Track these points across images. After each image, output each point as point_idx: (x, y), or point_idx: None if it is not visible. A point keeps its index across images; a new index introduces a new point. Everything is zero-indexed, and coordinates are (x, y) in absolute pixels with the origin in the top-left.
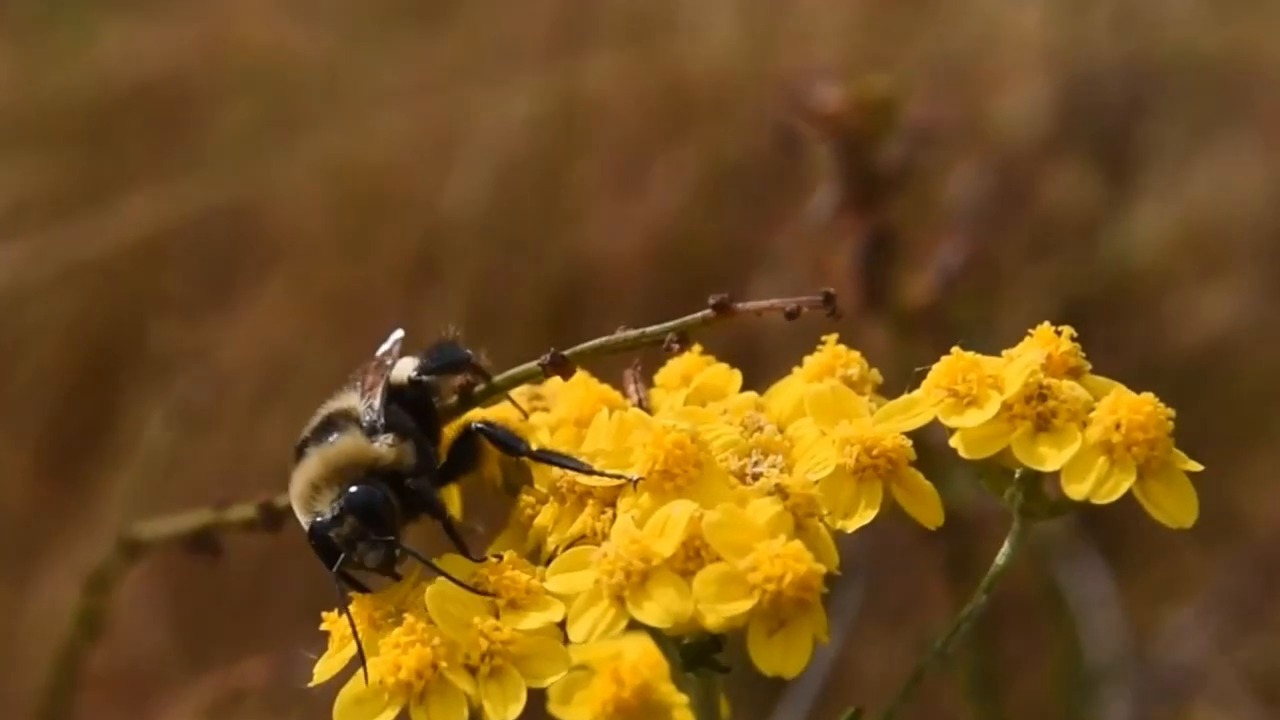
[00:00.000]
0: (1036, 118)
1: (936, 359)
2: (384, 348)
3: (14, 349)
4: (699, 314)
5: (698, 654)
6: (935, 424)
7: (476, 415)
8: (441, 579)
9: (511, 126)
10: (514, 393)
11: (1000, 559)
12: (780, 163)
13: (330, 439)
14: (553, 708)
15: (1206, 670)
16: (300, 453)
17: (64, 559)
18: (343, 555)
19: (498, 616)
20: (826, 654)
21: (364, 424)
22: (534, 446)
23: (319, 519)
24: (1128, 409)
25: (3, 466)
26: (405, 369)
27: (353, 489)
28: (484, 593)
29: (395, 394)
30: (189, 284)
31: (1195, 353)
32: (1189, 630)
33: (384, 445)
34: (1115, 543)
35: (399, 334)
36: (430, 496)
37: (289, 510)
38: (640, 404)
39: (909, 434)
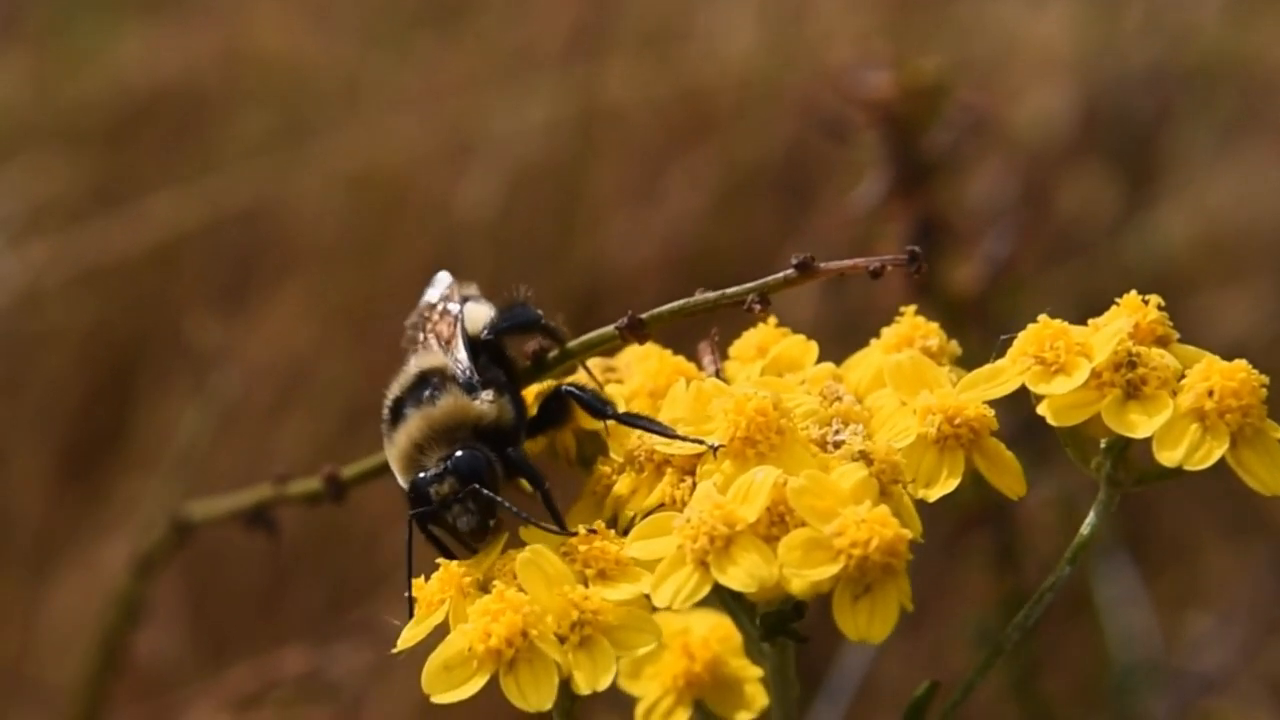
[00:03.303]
0: (1058, 123)
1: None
2: (435, 292)
3: (31, 352)
4: (780, 274)
5: (777, 622)
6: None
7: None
8: (532, 548)
9: (529, 133)
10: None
11: (1085, 529)
12: (797, 171)
13: (430, 397)
14: (622, 682)
15: (1230, 672)
16: (397, 412)
17: (82, 561)
18: (433, 510)
19: (587, 586)
20: (865, 655)
21: (460, 382)
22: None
23: (422, 475)
24: (1221, 375)
25: (21, 469)
26: (476, 320)
27: (459, 453)
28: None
29: (473, 348)
30: (206, 288)
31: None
32: (1214, 634)
33: (484, 403)
34: (1140, 544)
35: (446, 277)
36: (529, 466)
37: (353, 480)
38: (716, 375)
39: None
